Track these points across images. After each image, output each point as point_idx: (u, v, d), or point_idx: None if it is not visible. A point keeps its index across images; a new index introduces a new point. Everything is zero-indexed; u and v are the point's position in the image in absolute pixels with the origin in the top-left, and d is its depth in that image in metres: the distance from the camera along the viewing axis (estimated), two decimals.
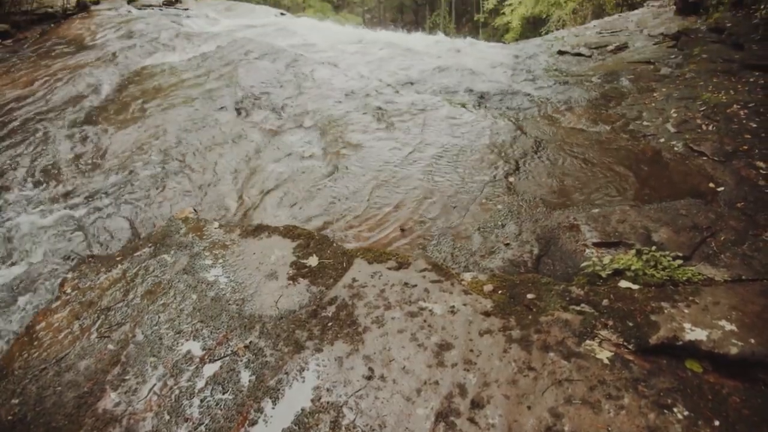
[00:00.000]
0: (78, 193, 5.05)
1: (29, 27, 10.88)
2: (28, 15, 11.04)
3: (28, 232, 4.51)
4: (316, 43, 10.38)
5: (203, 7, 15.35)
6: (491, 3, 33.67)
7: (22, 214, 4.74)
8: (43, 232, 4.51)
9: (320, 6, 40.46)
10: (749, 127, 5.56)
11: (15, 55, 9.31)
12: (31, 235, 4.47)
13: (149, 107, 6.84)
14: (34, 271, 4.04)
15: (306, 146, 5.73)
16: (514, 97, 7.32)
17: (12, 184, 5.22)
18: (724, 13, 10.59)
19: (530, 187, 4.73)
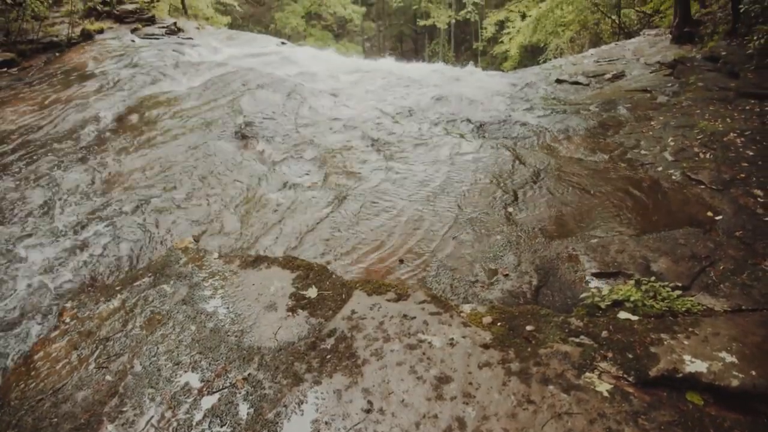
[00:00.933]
0: (78, 222, 5.05)
1: (34, 55, 10.99)
2: (33, 44, 11.15)
3: (28, 261, 4.50)
4: (316, 72, 10.47)
5: (205, 36, 15.51)
6: (489, 32, 34.10)
7: (22, 243, 4.73)
8: (43, 261, 4.50)
9: (321, 35, 40.94)
10: (746, 155, 5.59)
11: (20, 83, 9.39)
12: (31, 264, 4.46)
13: (151, 136, 6.88)
14: (33, 301, 4.03)
15: (306, 176, 5.76)
16: (513, 127, 7.37)
17: (12, 212, 5.22)
18: (718, 42, 10.72)
19: (529, 218, 4.74)
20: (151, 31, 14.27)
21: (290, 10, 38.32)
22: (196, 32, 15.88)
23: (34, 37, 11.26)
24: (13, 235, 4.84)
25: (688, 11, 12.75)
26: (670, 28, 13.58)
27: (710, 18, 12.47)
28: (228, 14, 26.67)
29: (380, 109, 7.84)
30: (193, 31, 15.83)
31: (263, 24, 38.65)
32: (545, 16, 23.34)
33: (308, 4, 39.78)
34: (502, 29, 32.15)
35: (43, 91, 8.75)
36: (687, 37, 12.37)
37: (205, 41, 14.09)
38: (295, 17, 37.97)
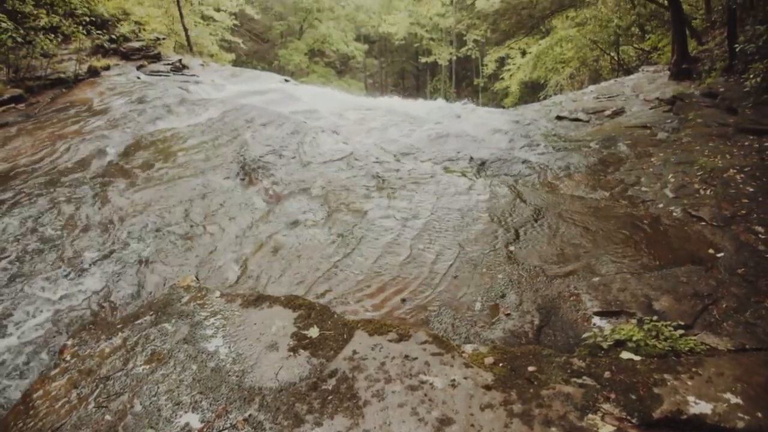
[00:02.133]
0: (80, 258, 5.06)
1: (42, 91, 11.13)
2: (41, 80, 11.30)
3: (29, 298, 4.51)
4: (318, 110, 10.58)
5: (210, 73, 15.71)
6: (490, 68, 34.53)
7: (23, 279, 4.74)
8: (44, 298, 4.50)
9: (323, 71, 41.46)
10: (746, 192, 5.61)
11: (27, 119, 9.48)
12: (32, 301, 4.46)
13: (155, 173, 6.93)
14: (33, 338, 4.02)
15: (308, 214, 5.79)
16: (514, 164, 7.42)
17: (14, 247, 5.23)
18: (716, 79, 10.85)
19: (531, 256, 4.75)
20: (156, 68, 14.48)
21: (294, 47, 38.90)
22: (200, 69, 16.10)
23: (42, 73, 11.43)
24: (15, 271, 4.85)
25: (686, 48, 12.94)
26: (669, 64, 13.77)
27: (707, 55, 12.65)
28: (232, 51, 27.08)
29: (382, 147, 7.91)
30: (197, 68, 16.05)
31: (267, 60, 39.21)
32: (545, 53, 23.70)
33: (311, 41, 40.40)
34: (502, 66, 32.59)
35: (49, 127, 8.83)
36: (685, 73, 12.53)
37: (209, 78, 14.28)
38: (298, 54, 38.51)
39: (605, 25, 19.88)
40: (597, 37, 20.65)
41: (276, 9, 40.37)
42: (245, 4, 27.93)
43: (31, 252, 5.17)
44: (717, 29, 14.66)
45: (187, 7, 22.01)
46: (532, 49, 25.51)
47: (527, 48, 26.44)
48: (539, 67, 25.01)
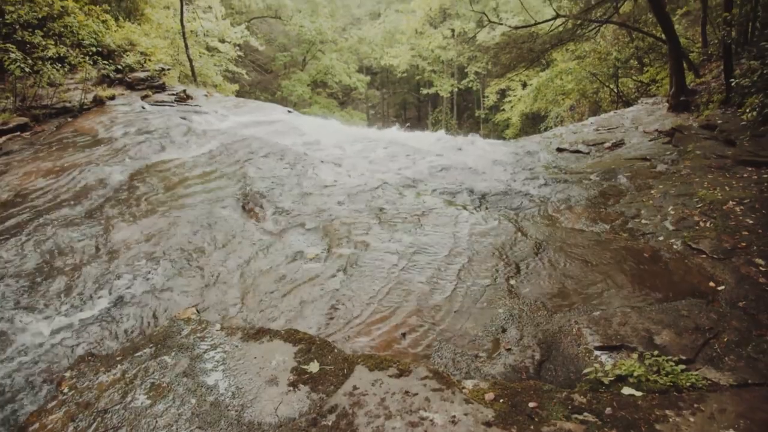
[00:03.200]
0: (81, 289, 5.06)
1: (47, 120, 11.22)
2: (47, 109, 11.41)
3: (28, 328, 4.50)
4: (321, 141, 10.66)
5: (213, 103, 15.84)
6: (491, 100, 34.87)
7: (22, 309, 4.73)
8: (43, 329, 4.49)
9: (326, 102, 41.85)
10: (746, 224, 5.63)
11: (32, 147, 9.54)
12: (31, 331, 4.45)
13: (156, 204, 6.96)
14: (31, 369, 4.00)
15: (309, 247, 5.80)
16: (515, 197, 7.45)
17: (14, 277, 5.23)
18: (714, 111, 10.95)
19: (531, 290, 4.75)
20: (161, 98, 14.61)
21: (296, 78, 39.32)
22: (204, 100, 16.23)
23: (48, 102, 11.57)
24: (13, 300, 4.85)
25: (684, 81, 13.08)
26: (667, 96, 13.90)
27: (705, 87, 12.79)
28: (236, 82, 27.39)
29: (383, 179, 7.95)
30: (201, 99, 16.19)
31: (270, 91, 39.61)
32: (545, 86, 23.92)
33: (314, 72, 40.86)
34: (503, 97, 32.93)
35: (53, 155, 8.88)
36: (683, 105, 12.65)
37: (212, 109, 14.39)
38: (301, 85, 38.91)
39: (604, 58, 20.13)
40: (596, 69, 20.88)
41: (280, 41, 40.95)
42: (249, 35, 28.36)
43: (29, 281, 5.17)
44: (713, 62, 14.85)
45: (192, 38, 22.37)
46: (532, 81, 25.80)
47: (528, 80, 26.74)
48: (540, 99, 25.24)
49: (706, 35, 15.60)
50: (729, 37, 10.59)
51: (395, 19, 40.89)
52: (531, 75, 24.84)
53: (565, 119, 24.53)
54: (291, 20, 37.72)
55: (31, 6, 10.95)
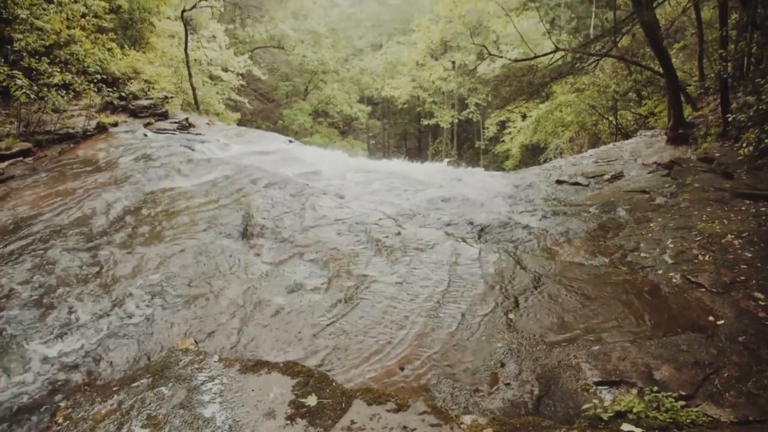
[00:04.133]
0: (78, 317, 5.04)
1: (50, 146, 11.28)
2: (50, 134, 11.46)
3: (24, 356, 4.47)
4: (321, 172, 10.71)
5: (215, 132, 15.94)
6: (491, 131, 35.11)
7: (18, 336, 4.71)
8: (39, 357, 4.47)
9: (327, 132, 42.11)
10: (745, 257, 5.64)
11: (34, 173, 9.56)
12: (25, 359, 4.43)
13: (157, 232, 6.97)
14: (25, 399, 3.98)
15: (309, 278, 5.81)
16: (514, 230, 7.47)
17: (13, 303, 5.22)
18: (712, 144, 11.03)
19: (530, 324, 4.75)
20: (163, 126, 14.70)
21: (298, 107, 39.63)
22: (206, 128, 16.35)
23: (52, 128, 11.67)
24: (8, 328, 4.82)
25: (681, 114, 13.20)
26: (665, 129, 14.01)
27: (702, 120, 12.90)
28: (238, 110, 27.63)
29: (384, 211, 7.98)
30: (203, 127, 16.30)
31: (271, 120, 39.90)
32: (545, 118, 24.11)
33: (316, 102, 41.20)
34: (503, 129, 33.17)
35: (55, 182, 8.92)
36: (681, 138, 12.75)
37: (214, 137, 14.48)
38: (302, 114, 39.19)
39: (603, 91, 20.32)
40: (595, 102, 21.07)
41: (282, 70, 41.37)
42: (252, 65, 28.68)
43: (26, 309, 5.15)
44: (711, 95, 15.00)
45: (195, 67, 22.65)
46: (532, 112, 26.02)
47: (528, 112, 26.97)
48: (539, 131, 25.41)
49: (703, 69, 15.79)
50: (725, 71, 10.72)
51: (397, 50, 41.32)
52: (531, 107, 25.06)
53: (564, 151, 24.71)
54: (294, 50, 38.18)
55: (39, 34, 11.13)
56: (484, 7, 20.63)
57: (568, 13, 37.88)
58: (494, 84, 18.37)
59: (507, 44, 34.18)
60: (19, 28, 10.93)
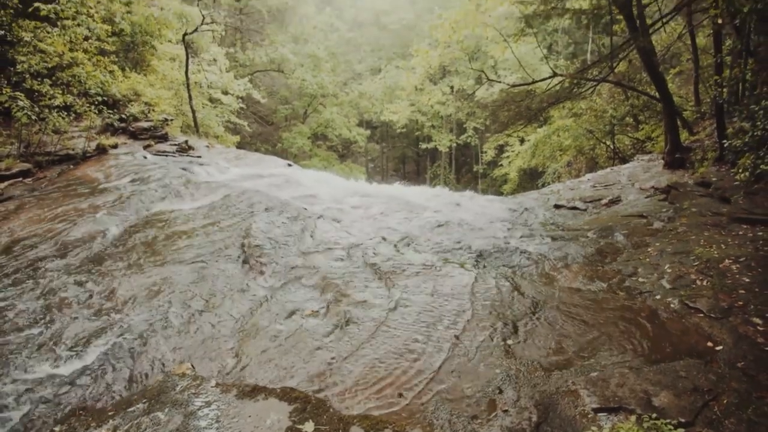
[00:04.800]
0: (75, 340, 5.02)
1: (50, 167, 11.35)
2: (50, 156, 11.55)
3: (18, 380, 4.44)
4: (320, 195, 10.74)
5: (214, 154, 16.01)
6: (490, 155, 35.25)
7: (14, 359, 4.68)
8: (34, 380, 4.44)
9: (326, 155, 42.30)
10: (743, 282, 5.64)
11: (33, 193, 9.59)
12: (20, 383, 4.39)
13: (155, 254, 6.98)
14: (19, 423, 3.95)
15: (307, 303, 5.80)
16: (512, 255, 7.46)
17: (9, 325, 5.20)
18: (708, 168, 11.10)
19: (528, 350, 4.73)
20: (163, 148, 14.78)
21: (297, 130, 39.84)
22: (205, 151, 16.42)
23: (52, 149, 11.77)
24: (6, 350, 4.80)
25: (678, 138, 13.30)
26: (662, 153, 14.10)
27: (699, 145, 12.99)
28: (237, 133, 27.77)
29: (382, 235, 7.99)
30: (203, 150, 16.38)
31: (271, 143, 40.09)
32: (543, 142, 24.25)
33: (315, 125, 41.45)
34: (501, 153, 33.32)
35: (54, 203, 8.94)
36: (678, 163, 12.83)
37: (213, 160, 14.54)
38: (301, 138, 39.38)
39: (600, 116, 20.49)
40: (593, 126, 21.21)
41: (282, 93, 41.67)
42: (252, 88, 28.90)
43: (21, 331, 5.14)
44: (707, 120, 15.14)
45: (196, 90, 22.82)
46: (530, 137, 26.16)
47: (526, 136, 27.12)
48: (537, 155, 25.53)
49: (698, 94, 15.96)
50: (721, 97, 10.85)
51: (395, 74, 41.64)
52: (529, 131, 25.21)
53: (562, 175, 24.81)
54: (293, 74, 38.50)
55: (42, 56, 11.27)
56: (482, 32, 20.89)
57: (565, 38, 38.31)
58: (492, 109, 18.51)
59: (505, 69, 34.50)
60: (23, 50, 11.08)
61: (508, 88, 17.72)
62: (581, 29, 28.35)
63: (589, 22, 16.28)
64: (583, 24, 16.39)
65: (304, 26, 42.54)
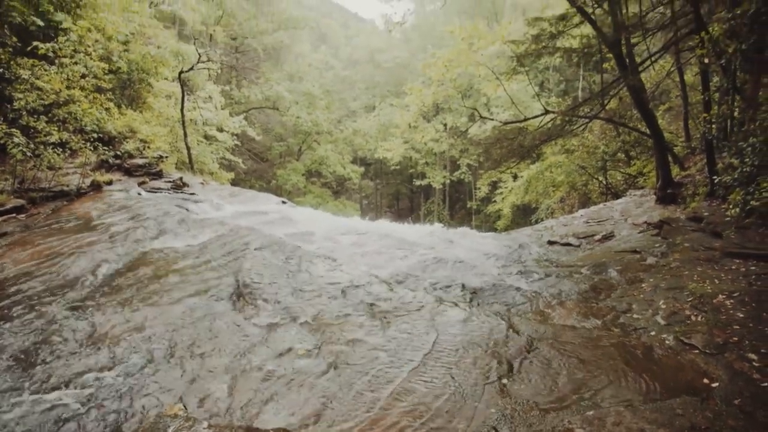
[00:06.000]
0: (65, 378, 4.94)
1: (44, 203, 11.36)
2: (44, 192, 11.57)
3: (4, 418, 4.37)
4: (314, 233, 10.75)
5: (209, 191, 16.06)
6: (483, 191, 35.49)
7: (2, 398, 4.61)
8: (21, 420, 4.37)
9: (320, 192, 42.55)
10: (737, 318, 5.65)
11: (26, 230, 9.56)
12: (7, 422, 4.32)
13: (147, 293, 6.93)
14: None
15: (300, 343, 5.76)
16: (507, 292, 7.46)
17: None
18: (700, 203, 11.21)
19: (523, 389, 4.70)
20: (157, 185, 14.86)
21: (292, 167, 40.13)
22: (200, 188, 16.49)
23: (47, 185, 11.84)
24: None
25: (669, 174, 13.46)
26: (654, 189, 14.26)
27: (690, 180, 13.15)
28: (232, 170, 27.93)
29: (376, 274, 7.98)
30: (197, 187, 16.44)
31: (265, 179, 40.34)
32: (536, 178, 24.48)
33: (309, 162, 41.79)
34: (495, 189, 33.58)
35: (47, 239, 8.92)
36: (670, 198, 12.96)
37: (208, 197, 14.58)
38: (296, 174, 39.66)
39: (592, 152, 20.75)
40: (585, 162, 21.45)
41: (276, 130, 42.11)
42: (247, 125, 29.18)
43: (10, 367, 5.07)
44: (697, 155, 15.35)
45: (191, 127, 23.04)
46: (523, 173, 26.41)
47: (519, 172, 27.39)
48: (531, 191, 25.75)
49: (688, 129, 16.20)
50: (710, 133, 11.03)
51: (389, 112, 42.19)
52: (522, 167, 25.48)
53: (555, 211, 24.98)
54: (288, 111, 38.98)
55: (39, 94, 11.42)
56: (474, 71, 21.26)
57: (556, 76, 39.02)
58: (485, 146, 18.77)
59: (498, 106, 35.00)
60: (20, 87, 11.24)
61: (501, 125, 17.98)
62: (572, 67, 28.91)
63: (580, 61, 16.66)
64: (573, 62, 16.75)
65: (299, 64, 43.24)
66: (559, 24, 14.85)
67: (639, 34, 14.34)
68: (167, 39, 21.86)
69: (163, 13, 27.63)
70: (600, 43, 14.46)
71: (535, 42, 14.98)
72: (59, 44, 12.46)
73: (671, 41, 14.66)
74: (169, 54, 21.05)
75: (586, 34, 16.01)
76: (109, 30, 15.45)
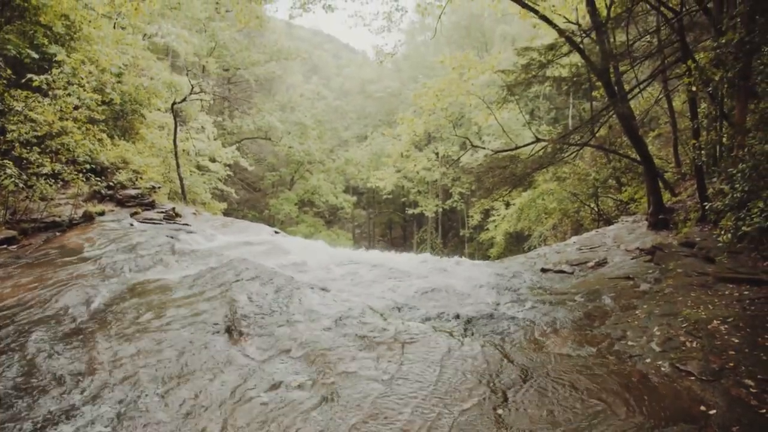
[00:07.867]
0: (47, 416, 4.85)
1: (36, 234, 11.34)
2: (36, 222, 11.56)
3: None
4: (306, 263, 10.73)
5: (201, 222, 16.04)
6: (476, 219, 35.60)
7: None
8: None
9: (312, 221, 42.58)
10: (732, 343, 5.63)
11: (17, 261, 9.51)
12: None
13: (139, 326, 6.86)
14: None
15: (294, 375, 5.69)
16: (500, 321, 7.43)
17: None
18: (692, 228, 11.27)
19: (519, 419, 4.65)
20: (150, 215, 14.85)
21: (284, 197, 40.24)
22: (192, 218, 16.47)
23: (38, 216, 11.83)
24: None
25: (661, 200, 13.56)
26: (646, 215, 14.36)
27: (681, 206, 13.25)
28: (225, 200, 27.99)
29: (369, 304, 7.92)
30: (189, 217, 16.42)
31: (258, 209, 40.41)
32: (528, 206, 24.62)
33: (302, 192, 41.93)
34: (487, 217, 33.69)
35: (38, 270, 8.88)
36: (662, 223, 13.04)
37: (200, 228, 14.56)
38: (288, 204, 39.75)
39: (584, 179, 20.90)
40: (577, 189, 21.60)
41: (269, 160, 42.32)
42: (240, 156, 29.29)
43: None
44: (688, 181, 15.51)
45: (184, 157, 23.11)
46: (515, 201, 26.54)
47: (511, 200, 27.51)
48: (523, 219, 25.87)
49: (678, 155, 16.39)
50: (700, 159, 11.15)
51: (381, 141, 42.48)
52: (514, 195, 25.61)
53: (548, 238, 25.07)
54: (280, 141, 39.23)
55: (32, 125, 11.45)
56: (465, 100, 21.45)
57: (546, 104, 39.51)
58: (477, 174, 18.85)
59: (489, 134, 35.33)
60: (14, 119, 11.27)
61: (493, 153, 18.09)
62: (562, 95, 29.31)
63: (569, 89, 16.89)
64: (563, 90, 16.99)
65: (291, 95, 43.63)
66: (549, 53, 15.07)
67: (627, 62, 14.58)
68: (160, 70, 22.06)
69: (157, 45, 27.90)
70: (589, 71, 14.69)
71: (525, 71, 15.18)
72: (53, 76, 12.56)
73: (659, 69, 14.91)
74: (162, 85, 21.25)
75: (575, 63, 16.27)
76: (102, 62, 15.58)
